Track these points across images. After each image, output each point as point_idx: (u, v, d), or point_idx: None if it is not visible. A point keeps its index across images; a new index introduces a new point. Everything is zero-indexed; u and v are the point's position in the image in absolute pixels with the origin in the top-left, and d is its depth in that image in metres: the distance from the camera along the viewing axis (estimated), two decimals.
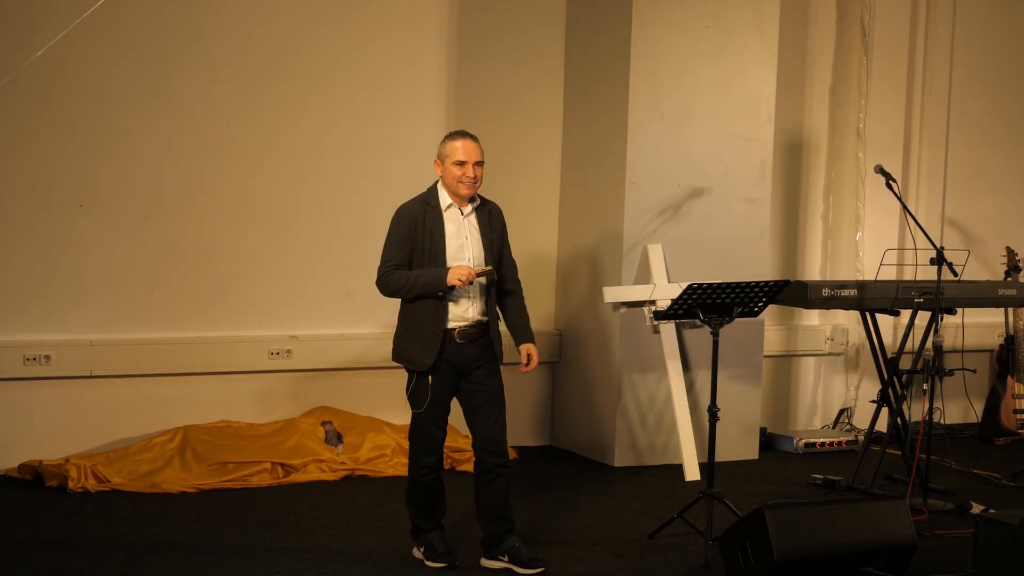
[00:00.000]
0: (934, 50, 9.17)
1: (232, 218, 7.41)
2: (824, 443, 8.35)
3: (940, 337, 6.78)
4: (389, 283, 5.44)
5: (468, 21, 7.91)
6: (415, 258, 5.46)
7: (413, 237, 5.45)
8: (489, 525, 5.59)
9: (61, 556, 5.54)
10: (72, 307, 7.07)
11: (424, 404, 5.45)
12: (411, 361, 5.49)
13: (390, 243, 5.49)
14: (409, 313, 5.51)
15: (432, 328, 5.42)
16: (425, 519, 5.61)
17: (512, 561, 5.56)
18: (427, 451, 5.53)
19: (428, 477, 5.54)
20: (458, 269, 5.38)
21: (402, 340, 5.54)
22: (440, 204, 5.50)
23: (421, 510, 5.61)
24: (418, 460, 5.55)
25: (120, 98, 7.11)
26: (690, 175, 7.74)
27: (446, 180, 5.49)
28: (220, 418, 7.32)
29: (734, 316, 6.01)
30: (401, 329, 5.55)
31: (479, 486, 5.57)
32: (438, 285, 5.38)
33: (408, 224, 5.47)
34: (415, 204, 5.52)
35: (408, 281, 5.41)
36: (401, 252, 5.45)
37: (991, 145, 9.47)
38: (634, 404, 7.72)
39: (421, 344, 5.44)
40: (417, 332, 5.46)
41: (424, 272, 5.42)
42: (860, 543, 5.39)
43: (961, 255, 7.16)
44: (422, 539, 5.62)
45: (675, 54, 7.67)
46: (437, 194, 5.53)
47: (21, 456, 6.88)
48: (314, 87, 7.55)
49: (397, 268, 5.44)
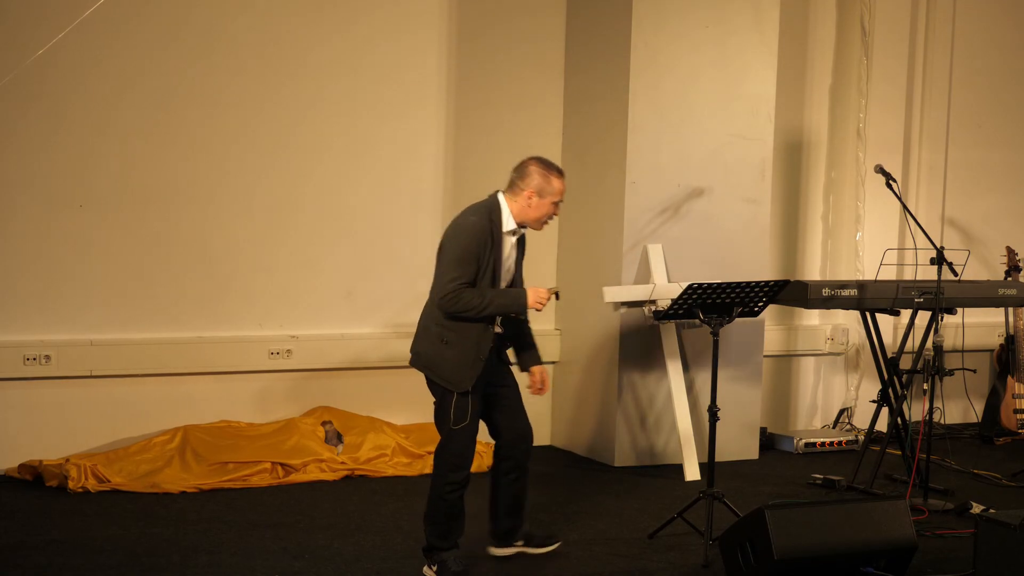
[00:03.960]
0: (934, 50, 9.17)
1: (232, 218, 7.41)
2: (824, 443, 8.35)
3: (940, 337, 6.78)
4: (460, 301, 5.20)
5: (468, 21, 7.91)
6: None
7: (481, 256, 5.26)
8: (508, 519, 5.65)
9: (61, 556, 5.54)
10: (72, 307, 7.07)
11: (466, 419, 5.32)
12: (448, 380, 5.31)
13: (459, 259, 5.22)
14: (452, 328, 5.30)
15: (476, 351, 5.29)
16: (442, 538, 5.44)
17: (527, 544, 5.67)
18: (459, 467, 5.38)
19: (455, 494, 5.38)
20: (536, 292, 5.33)
21: (437, 354, 5.33)
22: (503, 225, 5.36)
23: (440, 528, 5.43)
24: (446, 476, 5.37)
25: (120, 98, 7.11)
26: (690, 175, 7.74)
27: (530, 212, 5.37)
28: (220, 418, 7.32)
29: (734, 316, 6.01)
30: (437, 342, 5.32)
31: (502, 482, 5.59)
32: (517, 308, 5.32)
33: (481, 243, 5.25)
34: (483, 220, 5.28)
35: (483, 301, 5.21)
36: (470, 270, 5.21)
37: (991, 145, 9.48)
38: (634, 404, 7.72)
39: (462, 365, 5.29)
40: (459, 350, 5.28)
41: (499, 293, 5.29)
42: (860, 543, 5.39)
43: (961, 255, 7.16)
44: (435, 558, 5.44)
45: (675, 55, 7.67)
46: (502, 214, 5.36)
47: (21, 456, 6.88)
48: (315, 87, 7.55)
49: (466, 286, 5.23)
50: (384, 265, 7.78)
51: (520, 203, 5.38)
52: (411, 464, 7.34)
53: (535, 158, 5.47)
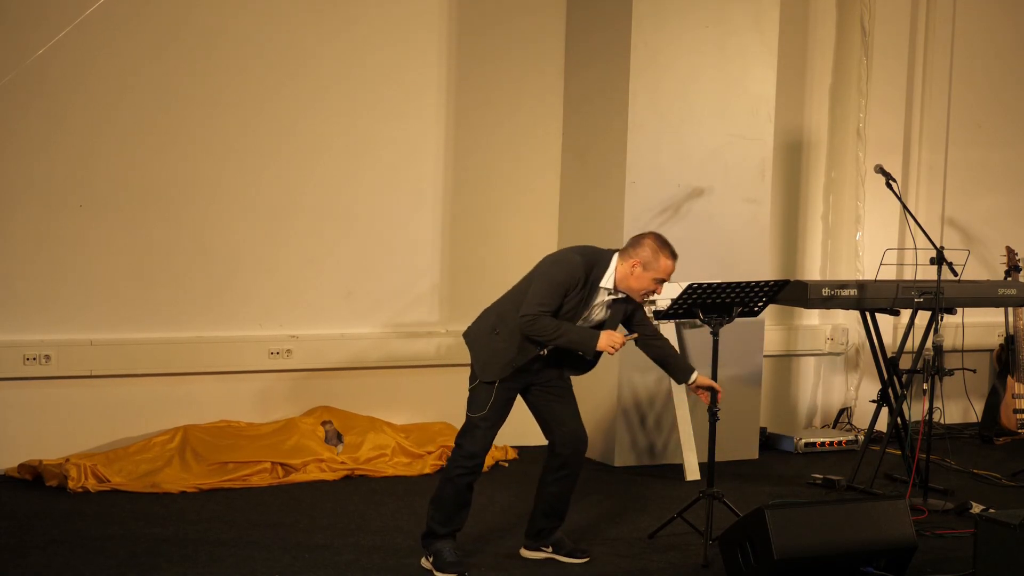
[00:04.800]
0: (934, 50, 9.17)
1: (232, 218, 7.40)
2: (824, 443, 8.35)
3: (940, 337, 6.78)
4: (535, 325, 5.34)
5: (468, 21, 7.91)
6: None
7: (568, 294, 5.40)
8: (543, 519, 5.69)
9: (61, 556, 5.54)
10: (72, 307, 7.07)
11: (484, 409, 5.43)
12: (478, 364, 5.49)
13: (548, 288, 5.39)
14: (507, 325, 5.45)
15: (516, 355, 5.42)
16: (442, 524, 5.50)
17: (556, 551, 5.69)
18: (471, 454, 5.46)
19: (464, 479, 5.46)
20: (611, 336, 5.38)
21: (484, 339, 5.51)
22: (601, 279, 5.46)
23: (443, 513, 5.50)
24: (458, 459, 5.48)
25: (120, 98, 7.11)
26: (690, 175, 7.74)
27: (631, 280, 5.45)
28: (220, 418, 7.32)
29: (734, 316, 6.00)
30: (489, 330, 5.51)
31: (546, 480, 5.64)
32: (587, 348, 5.41)
33: (572, 282, 5.39)
34: (584, 263, 5.43)
35: (556, 331, 5.35)
36: (555, 301, 5.37)
37: (991, 145, 9.48)
38: (634, 404, 7.72)
39: (496, 359, 5.45)
40: (502, 346, 5.43)
41: (575, 329, 5.40)
42: (860, 543, 5.39)
43: (961, 255, 7.16)
44: (432, 547, 5.51)
45: (675, 54, 7.67)
46: (605, 270, 5.47)
47: (21, 456, 6.88)
48: (315, 87, 7.55)
49: (547, 315, 5.37)
50: (384, 265, 7.78)
51: (625, 269, 5.47)
52: (411, 464, 7.34)
53: (655, 234, 5.55)
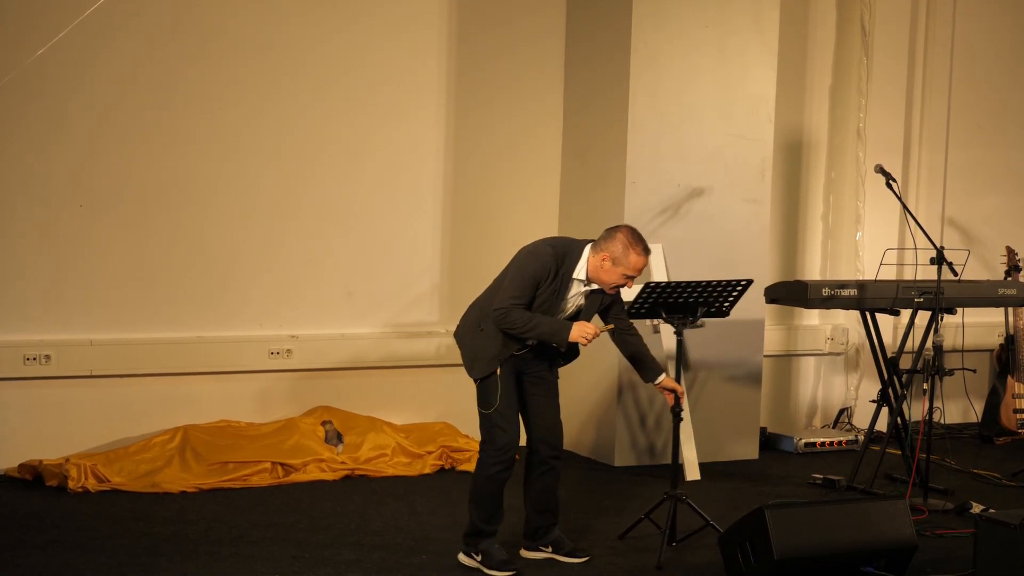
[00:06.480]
0: (934, 50, 9.17)
1: (232, 217, 7.41)
2: (824, 443, 8.35)
3: (940, 337, 6.78)
4: (507, 318, 5.36)
5: (468, 21, 7.91)
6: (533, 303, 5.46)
7: (540, 286, 5.41)
8: (536, 516, 5.70)
9: (61, 556, 5.54)
10: (72, 307, 7.07)
11: (495, 402, 5.46)
12: (466, 360, 5.54)
13: (520, 281, 5.40)
14: (489, 319, 5.45)
15: (500, 349, 5.45)
16: (487, 521, 5.54)
17: (556, 551, 5.69)
18: (500, 448, 5.48)
19: (503, 475, 5.49)
20: (583, 327, 5.37)
21: (470, 336, 5.56)
22: (574, 271, 5.46)
23: (485, 511, 5.54)
24: (489, 454, 5.50)
25: (120, 98, 7.11)
26: (690, 175, 7.74)
27: (601, 273, 5.43)
28: (220, 418, 7.32)
29: (699, 316, 5.96)
30: (475, 327, 5.54)
31: (530, 477, 5.66)
32: (558, 339, 5.41)
33: (544, 273, 5.40)
34: (555, 255, 5.43)
35: (528, 324, 5.36)
36: (528, 293, 5.38)
37: (991, 145, 9.48)
38: (634, 404, 7.72)
39: (481, 355, 5.49)
40: (486, 342, 5.46)
41: (546, 321, 5.40)
42: (860, 543, 5.39)
43: (961, 255, 7.16)
44: (479, 546, 5.54)
45: (675, 54, 7.67)
46: (577, 261, 5.46)
47: (21, 456, 6.88)
48: (315, 87, 7.55)
49: (520, 307, 5.38)
50: (384, 265, 7.78)
51: (595, 262, 5.45)
52: (411, 464, 7.33)
53: (629, 228, 5.49)
